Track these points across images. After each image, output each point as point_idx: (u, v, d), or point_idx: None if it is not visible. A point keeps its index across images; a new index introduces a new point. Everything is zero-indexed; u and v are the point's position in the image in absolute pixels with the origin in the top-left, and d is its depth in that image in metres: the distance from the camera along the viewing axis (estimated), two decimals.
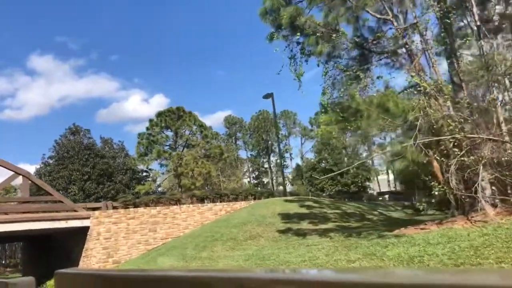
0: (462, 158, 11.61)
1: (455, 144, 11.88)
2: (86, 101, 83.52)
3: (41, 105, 78.13)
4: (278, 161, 62.93)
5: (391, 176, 61.38)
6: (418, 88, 12.65)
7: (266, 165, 68.78)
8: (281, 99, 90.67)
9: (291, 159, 67.82)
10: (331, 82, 15.18)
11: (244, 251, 15.77)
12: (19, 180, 21.60)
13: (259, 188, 34.88)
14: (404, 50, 14.27)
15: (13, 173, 20.84)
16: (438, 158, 12.17)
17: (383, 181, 64.26)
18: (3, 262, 55.86)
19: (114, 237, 21.82)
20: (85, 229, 22.11)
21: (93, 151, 39.11)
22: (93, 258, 21.51)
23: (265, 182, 66.20)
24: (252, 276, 0.50)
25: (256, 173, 68.93)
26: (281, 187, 51.09)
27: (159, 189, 43.17)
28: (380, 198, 49.19)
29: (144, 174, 45.16)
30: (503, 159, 11.51)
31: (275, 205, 22.95)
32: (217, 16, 78.98)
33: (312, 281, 0.45)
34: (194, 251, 18.20)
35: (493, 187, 12.27)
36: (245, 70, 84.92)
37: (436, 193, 12.30)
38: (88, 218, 22.00)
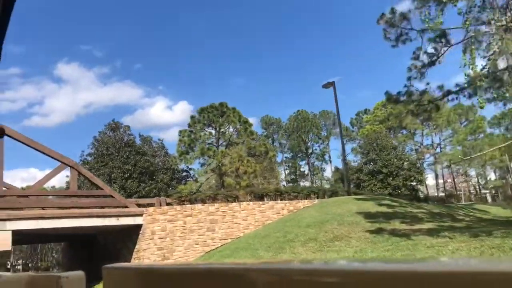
0: None
1: None
2: (111, 108, 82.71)
3: (67, 112, 77.52)
4: (339, 159, 60.10)
5: (440, 180, 57.83)
6: None
7: (302, 168, 66.06)
8: (318, 101, 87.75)
9: (330, 161, 64.84)
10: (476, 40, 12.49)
11: (338, 253, 13.20)
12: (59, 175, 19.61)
13: (326, 186, 32.14)
14: None
15: (60, 164, 18.79)
16: None
17: (430, 186, 60.74)
18: (33, 265, 54.39)
19: (169, 236, 19.52)
20: (137, 228, 19.89)
21: (133, 149, 37.18)
22: (146, 260, 19.23)
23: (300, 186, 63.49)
24: (293, 267, 0.50)
25: (292, 176, 66.25)
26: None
27: (200, 189, 40.95)
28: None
29: (184, 174, 43.02)
30: None
31: (348, 203, 20.30)
32: (238, 21, 76.99)
33: (357, 272, 0.44)
34: (268, 253, 15.72)
35: None
36: (267, 75, 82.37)
37: None
38: (140, 215, 19.78)
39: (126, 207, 19.76)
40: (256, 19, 76.76)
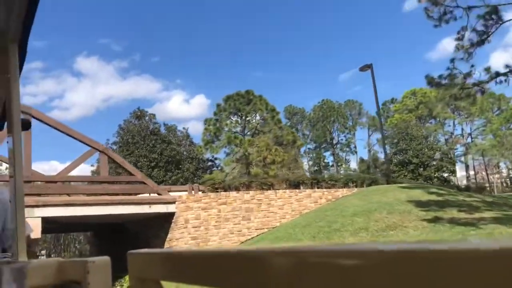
0: None
1: None
2: (130, 102, 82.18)
3: (87, 106, 77.39)
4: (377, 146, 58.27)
5: (471, 172, 55.82)
6: None
7: (326, 159, 64.57)
8: (337, 92, 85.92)
9: (356, 152, 63.19)
10: None
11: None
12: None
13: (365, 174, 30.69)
14: None
15: (90, 149, 17.86)
16: None
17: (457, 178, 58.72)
18: (56, 255, 54.13)
19: (204, 225, 18.49)
20: (169, 216, 18.90)
21: (159, 137, 36.30)
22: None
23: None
24: (313, 249, 0.51)
25: (316, 167, 64.84)
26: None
27: (226, 178, 39.93)
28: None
29: (209, 163, 42.05)
30: None
31: (394, 192, 18.97)
32: (254, 13, 75.04)
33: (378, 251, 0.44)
34: (315, 243, 14.53)
35: None
36: (286, 67, 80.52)
37: None
38: (173, 202, 18.77)
39: (159, 194, 18.79)
40: (272, 13, 74.89)
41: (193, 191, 19.38)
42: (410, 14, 70.71)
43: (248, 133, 38.89)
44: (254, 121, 38.37)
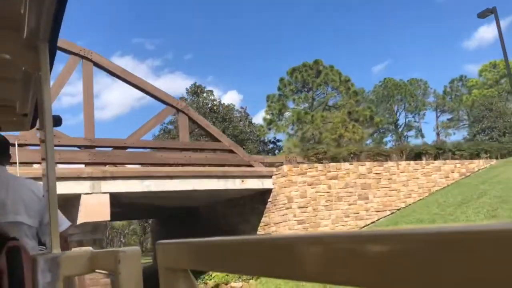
0: None
1: None
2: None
3: (122, 105, 74.98)
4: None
5: None
6: None
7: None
8: (400, 68, 79.12)
9: (422, 136, 57.35)
10: None
11: None
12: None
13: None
14: None
15: (166, 107, 13.81)
16: None
17: None
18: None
19: (311, 205, 14.14)
20: (265, 194, 14.69)
21: (219, 115, 32.29)
22: None
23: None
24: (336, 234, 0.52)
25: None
26: None
27: None
28: None
29: (271, 146, 37.74)
30: None
31: None
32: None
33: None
34: None
35: None
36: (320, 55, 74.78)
37: None
38: (270, 176, 14.52)
39: (251, 165, 14.56)
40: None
41: (290, 163, 15.00)
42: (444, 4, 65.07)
43: (318, 108, 34.29)
44: (325, 95, 33.67)
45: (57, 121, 2.08)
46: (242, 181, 14.05)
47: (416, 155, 16.65)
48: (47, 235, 2.00)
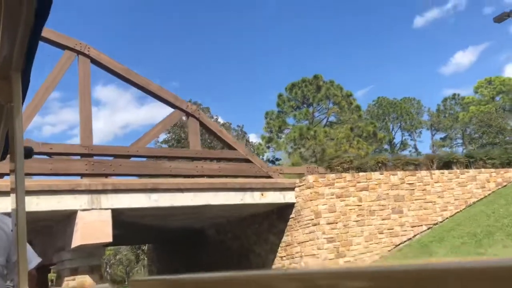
0: None
1: None
2: (147, 127, 77.30)
3: (106, 133, 73.59)
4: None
5: None
6: None
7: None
8: (383, 93, 78.77)
9: (418, 154, 56.15)
10: None
11: None
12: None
13: None
14: None
15: (175, 111, 12.08)
16: None
17: None
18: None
19: (342, 220, 12.36)
20: (286, 209, 12.89)
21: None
22: (307, 259, 12.11)
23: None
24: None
25: None
26: None
27: None
28: None
29: (270, 165, 35.91)
30: None
31: None
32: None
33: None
34: None
35: None
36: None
37: None
38: (292, 189, 12.76)
39: (270, 177, 12.79)
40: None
41: (311, 173, 13.25)
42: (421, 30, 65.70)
43: (319, 125, 32.80)
44: (327, 110, 32.21)
45: (29, 152, 1.93)
46: (262, 195, 12.26)
47: (445, 164, 15.08)
48: (15, 274, 1.93)
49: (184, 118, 12.64)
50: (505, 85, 46.26)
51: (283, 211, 13.01)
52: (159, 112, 70.94)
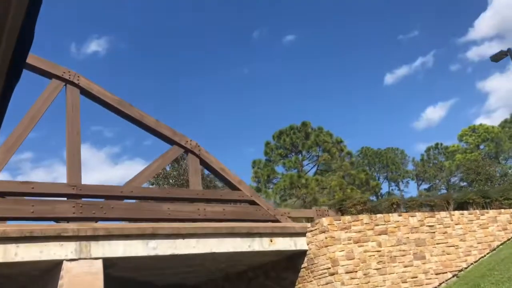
0: None
1: None
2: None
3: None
4: None
5: None
6: None
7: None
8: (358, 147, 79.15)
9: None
10: None
11: None
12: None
13: None
14: None
15: (173, 147, 10.85)
16: None
17: None
18: None
19: (362, 269, 10.97)
20: (297, 258, 11.46)
21: (203, 182, 29.04)
22: None
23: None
24: None
25: None
26: None
27: None
28: None
29: None
30: None
31: None
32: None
33: None
34: None
35: None
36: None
37: None
38: (303, 234, 11.41)
39: (277, 220, 11.45)
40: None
41: (322, 216, 11.93)
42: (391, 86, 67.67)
43: (308, 173, 31.73)
44: (317, 157, 31.26)
45: None
46: (271, 241, 10.86)
47: (460, 205, 14.05)
48: None
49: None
50: (489, 133, 46.64)
51: (294, 260, 11.58)
52: (133, 169, 68.81)
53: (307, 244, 11.37)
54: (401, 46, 66.92)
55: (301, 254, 11.39)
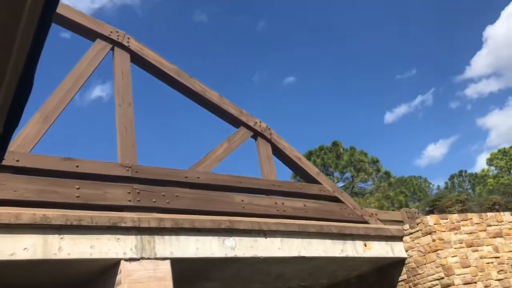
0: None
1: None
2: None
3: None
4: None
5: None
6: None
7: None
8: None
9: None
10: None
11: None
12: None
13: None
14: None
15: (240, 128, 8.78)
16: None
17: None
18: None
19: (481, 279, 8.62)
20: (392, 267, 9.15)
21: None
22: None
23: None
24: None
25: None
26: None
27: None
28: None
29: None
30: None
31: None
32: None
33: None
34: None
35: None
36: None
37: None
38: (400, 238, 9.13)
39: (366, 222, 9.20)
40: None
41: (411, 218, 9.67)
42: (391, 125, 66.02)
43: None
44: (352, 179, 29.01)
45: None
46: (365, 245, 8.59)
47: None
48: None
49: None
50: None
51: (388, 271, 9.25)
52: None
53: (406, 251, 9.08)
54: (400, 85, 66.64)
55: (398, 263, 9.09)
